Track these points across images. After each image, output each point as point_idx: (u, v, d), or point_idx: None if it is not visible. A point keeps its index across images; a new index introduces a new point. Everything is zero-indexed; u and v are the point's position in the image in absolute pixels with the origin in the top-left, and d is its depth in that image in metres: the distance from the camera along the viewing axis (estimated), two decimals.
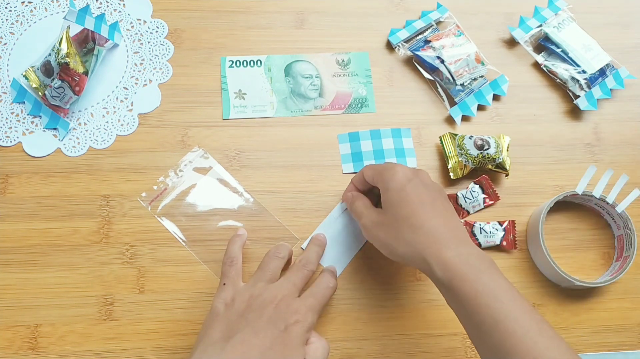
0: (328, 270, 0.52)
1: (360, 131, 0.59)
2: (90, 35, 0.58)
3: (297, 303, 0.45)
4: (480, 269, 0.41)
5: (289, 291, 0.46)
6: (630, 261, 0.54)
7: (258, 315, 0.43)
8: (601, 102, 0.63)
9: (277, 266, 0.49)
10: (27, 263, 0.52)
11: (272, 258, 0.49)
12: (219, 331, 0.43)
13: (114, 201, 0.55)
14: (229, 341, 0.42)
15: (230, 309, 0.45)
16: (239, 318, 0.44)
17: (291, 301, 0.45)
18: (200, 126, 0.58)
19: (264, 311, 0.44)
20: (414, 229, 0.44)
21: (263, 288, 0.46)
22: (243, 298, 0.45)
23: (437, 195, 0.47)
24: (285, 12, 0.64)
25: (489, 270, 0.41)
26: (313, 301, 0.46)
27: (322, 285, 0.48)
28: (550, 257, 0.52)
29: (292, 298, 0.45)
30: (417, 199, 0.45)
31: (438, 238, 0.43)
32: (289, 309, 0.44)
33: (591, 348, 0.54)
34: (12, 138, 0.57)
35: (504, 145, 0.58)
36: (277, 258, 0.49)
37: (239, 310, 0.44)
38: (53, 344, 0.50)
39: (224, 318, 0.44)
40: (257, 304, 0.44)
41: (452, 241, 0.43)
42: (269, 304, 0.44)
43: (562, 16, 0.66)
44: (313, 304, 0.46)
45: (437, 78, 0.62)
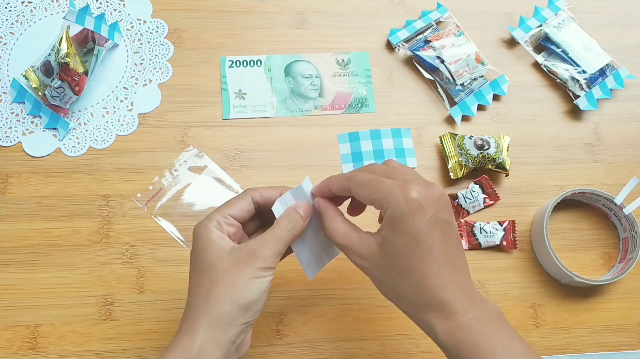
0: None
1: (360, 131, 0.59)
2: (90, 35, 0.58)
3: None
4: (491, 334, 0.37)
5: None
6: (632, 263, 0.53)
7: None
8: (601, 102, 0.63)
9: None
10: (27, 263, 0.52)
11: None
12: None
13: (114, 201, 0.55)
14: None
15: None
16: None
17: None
18: (200, 126, 0.58)
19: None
20: (418, 290, 0.37)
21: None
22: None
23: (450, 233, 0.38)
24: (285, 12, 0.64)
25: (501, 333, 0.37)
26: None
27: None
28: (552, 250, 0.52)
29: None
30: (429, 251, 0.37)
31: (444, 301, 0.37)
32: None
33: (591, 348, 0.54)
34: (12, 138, 0.56)
35: (504, 145, 0.58)
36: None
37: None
38: (53, 344, 0.50)
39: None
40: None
41: (460, 303, 0.37)
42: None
43: (562, 16, 0.66)
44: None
45: (437, 78, 0.62)
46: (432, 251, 0.37)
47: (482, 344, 0.36)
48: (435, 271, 0.37)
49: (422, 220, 0.36)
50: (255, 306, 0.38)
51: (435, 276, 0.37)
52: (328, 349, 0.51)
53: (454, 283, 0.37)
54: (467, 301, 0.37)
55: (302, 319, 0.52)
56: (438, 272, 0.37)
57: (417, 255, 0.37)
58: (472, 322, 0.36)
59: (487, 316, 0.37)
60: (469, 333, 0.36)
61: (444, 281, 0.37)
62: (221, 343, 0.37)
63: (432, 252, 0.37)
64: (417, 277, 0.37)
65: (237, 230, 0.41)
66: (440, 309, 0.37)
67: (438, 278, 0.37)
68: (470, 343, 0.36)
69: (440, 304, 0.37)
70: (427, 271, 0.37)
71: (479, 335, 0.36)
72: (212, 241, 0.39)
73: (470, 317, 0.37)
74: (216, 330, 0.37)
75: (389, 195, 0.37)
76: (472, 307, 0.37)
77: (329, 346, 0.51)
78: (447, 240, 0.38)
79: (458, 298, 0.37)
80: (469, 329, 0.36)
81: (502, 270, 0.55)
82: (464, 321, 0.36)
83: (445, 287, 0.37)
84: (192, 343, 0.37)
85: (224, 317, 0.37)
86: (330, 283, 0.54)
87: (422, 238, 0.37)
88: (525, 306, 0.54)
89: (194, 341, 0.37)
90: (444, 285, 0.37)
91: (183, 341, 0.37)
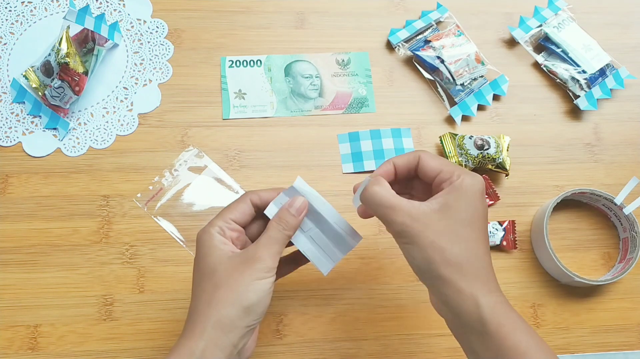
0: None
1: (360, 131, 0.59)
2: (90, 35, 0.58)
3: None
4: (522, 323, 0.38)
5: None
6: (632, 263, 0.53)
7: None
8: (601, 102, 0.63)
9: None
10: (27, 263, 0.52)
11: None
12: None
13: (114, 201, 0.55)
14: None
15: None
16: None
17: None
18: (200, 126, 0.58)
19: None
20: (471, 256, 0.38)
21: None
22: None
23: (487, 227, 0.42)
24: (285, 12, 0.64)
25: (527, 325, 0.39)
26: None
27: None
28: (552, 250, 0.52)
29: None
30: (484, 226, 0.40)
31: (492, 277, 0.39)
32: None
33: (591, 348, 0.54)
34: (12, 138, 0.56)
35: (504, 145, 0.58)
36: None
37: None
38: (53, 344, 0.50)
39: None
40: None
41: (496, 287, 0.39)
42: None
43: (562, 16, 0.66)
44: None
45: (437, 78, 0.62)
46: (484, 228, 0.40)
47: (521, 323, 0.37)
48: (485, 245, 0.39)
49: (483, 199, 0.40)
50: (258, 308, 0.39)
51: (484, 251, 0.39)
52: (328, 349, 0.51)
53: (491, 265, 0.40)
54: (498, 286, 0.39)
55: (302, 319, 0.52)
56: (485, 248, 0.39)
57: (476, 222, 0.39)
58: (506, 303, 0.38)
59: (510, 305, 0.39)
60: (510, 312, 0.37)
61: (488, 257, 0.39)
62: (223, 346, 0.37)
63: (484, 228, 0.40)
64: (472, 244, 0.38)
65: (240, 234, 0.42)
66: (485, 282, 0.38)
67: (485, 254, 0.39)
68: (512, 320, 0.37)
69: (486, 277, 0.38)
70: (481, 241, 0.39)
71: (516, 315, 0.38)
72: (215, 247, 0.40)
73: (504, 299, 0.38)
74: (219, 333, 0.37)
75: (460, 169, 0.40)
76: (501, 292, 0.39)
77: (329, 346, 0.51)
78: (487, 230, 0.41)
79: (495, 279, 0.39)
80: (508, 308, 0.38)
81: (502, 270, 0.55)
82: (502, 300, 0.38)
83: (488, 264, 0.39)
84: (195, 346, 0.37)
85: (227, 319, 0.38)
86: (330, 283, 0.54)
87: (481, 211, 0.39)
88: (525, 306, 0.54)
89: (197, 344, 0.37)
90: (488, 261, 0.39)
91: (186, 344, 0.38)
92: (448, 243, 0.38)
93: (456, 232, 0.38)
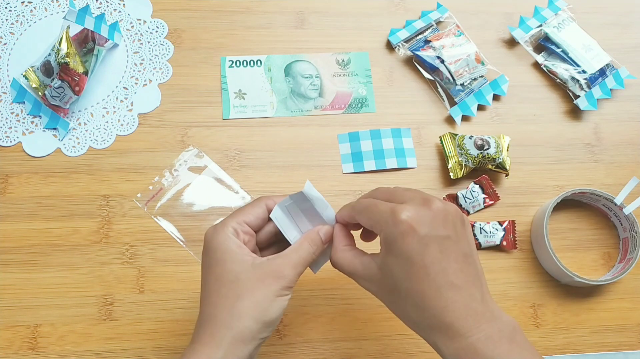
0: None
1: (360, 131, 0.59)
2: (90, 35, 0.58)
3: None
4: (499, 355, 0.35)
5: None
6: (632, 263, 0.53)
7: None
8: (601, 102, 0.63)
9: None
10: (27, 263, 0.52)
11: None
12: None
13: (114, 201, 0.55)
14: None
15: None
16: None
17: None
18: (200, 126, 0.58)
19: None
20: (420, 310, 0.37)
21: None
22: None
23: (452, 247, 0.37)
24: (285, 12, 0.64)
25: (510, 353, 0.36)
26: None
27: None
28: (552, 250, 0.52)
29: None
30: (425, 271, 0.36)
31: (449, 323, 0.36)
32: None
33: (591, 348, 0.54)
34: (12, 138, 0.56)
35: (504, 145, 0.58)
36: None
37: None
38: (53, 344, 0.50)
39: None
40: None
41: (464, 324, 0.36)
42: None
43: (562, 16, 0.66)
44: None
45: (437, 78, 0.62)
46: (428, 271, 0.36)
47: None
48: (433, 292, 0.36)
49: (413, 241, 0.36)
50: (276, 322, 0.39)
51: (434, 297, 0.36)
52: (328, 349, 0.51)
53: (456, 302, 0.36)
54: (472, 321, 0.36)
55: (302, 319, 0.52)
56: (437, 293, 0.36)
57: (412, 276, 0.36)
58: (478, 344, 0.35)
59: (496, 336, 0.36)
60: (475, 355, 0.35)
61: (445, 301, 0.36)
62: (241, 356, 0.38)
63: (428, 272, 0.36)
64: (416, 299, 0.36)
65: (251, 238, 0.41)
66: (444, 330, 0.36)
67: (438, 298, 0.36)
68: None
69: (443, 325, 0.36)
70: (425, 293, 0.36)
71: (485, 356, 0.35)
72: (232, 251, 0.39)
73: (476, 338, 0.35)
74: (239, 344, 0.37)
75: (381, 219, 0.38)
76: (479, 327, 0.36)
77: (329, 346, 0.51)
78: (445, 256, 0.37)
79: (461, 318, 0.36)
80: (473, 352, 0.35)
81: (502, 270, 0.55)
82: (468, 343, 0.35)
83: (445, 308, 0.36)
84: (214, 355, 0.37)
85: (248, 332, 0.38)
86: (330, 283, 0.54)
87: (414, 258, 0.36)
88: (525, 306, 0.54)
89: (215, 353, 0.37)
90: (444, 306, 0.36)
91: (204, 351, 0.37)
92: (396, 303, 0.38)
93: (399, 293, 0.37)
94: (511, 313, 0.54)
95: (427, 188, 0.58)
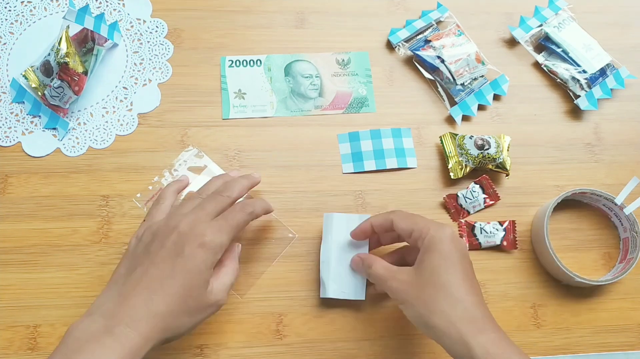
0: (254, 199, 0.50)
1: (360, 131, 0.59)
2: (90, 35, 0.58)
3: (202, 226, 0.43)
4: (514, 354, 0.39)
5: (196, 216, 0.43)
6: (633, 264, 0.53)
7: (160, 244, 0.42)
8: (601, 101, 0.63)
9: (216, 207, 0.45)
10: (27, 263, 0.52)
11: (217, 198, 0.46)
12: (124, 267, 0.43)
13: (114, 201, 0.55)
14: (129, 276, 0.41)
15: (138, 244, 0.44)
16: (144, 250, 0.43)
17: (196, 225, 0.43)
18: (200, 126, 0.58)
19: (166, 240, 0.42)
20: (452, 301, 0.41)
21: (175, 218, 0.44)
22: (151, 230, 0.44)
23: (472, 271, 0.44)
24: (285, 12, 0.64)
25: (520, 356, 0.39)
26: (223, 222, 0.44)
27: (236, 208, 0.46)
28: (552, 250, 0.52)
29: (199, 222, 0.43)
30: (460, 270, 0.42)
31: (476, 317, 0.40)
32: (193, 233, 0.42)
33: (592, 348, 0.54)
34: (12, 138, 0.56)
35: (504, 145, 0.58)
36: (224, 197, 0.46)
37: (145, 242, 0.43)
38: (53, 344, 0.50)
39: (131, 254, 0.44)
40: (161, 234, 0.43)
41: (487, 324, 0.40)
42: (172, 231, 0.42)
43: (562, 16, 0.66)
44: (222, 225, 0.43)
45: (438, 78, 0.62)
46: (463, 271, 0.42)
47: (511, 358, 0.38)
48: (466, 287, 0.42)
49: (454, 246, 0.43)
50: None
51: (467, 292, 0.41)
52: (328, 350, 0.51)
53: (481, 303, 0.42)
54: (492, 322, 0.41)
55: (302, 320, 0.52)
56: (472, 288, 0.42)
57: (450, 269, 0.42)
58: (501, 340, 0.40)
59: (507, 339, 0.40)
60: (499, 349, 0.39)
61: (474, 297, 0.41)
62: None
63: (463, 272, 0.42)
64: (451, 290, 0.41)
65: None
66: (472, 322, 0.40)
67: (470, 295, 0.41)
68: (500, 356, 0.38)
69: (473, 317, 0.40)
70: (459, 285, 0.41)
71: (507, 353, 0.39)
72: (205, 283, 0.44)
73: (497, 336, 0.40)
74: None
75: (428, 225, 0.44)
76: (495, 328, 0.41)
77: (329, 346, 0.51)
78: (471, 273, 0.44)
79: (486, 316, 0.41)
80: (499, 345, 0.39)
81: (502, 270, 0.55)
82: (495, 337, 0.39)
83: (474, 303, 0.41)
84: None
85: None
86: None
87: (454, 258, 0.43)
88: (526, 306, 0.54)
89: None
90: (473, 301, 0.41)
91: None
92: (430, 295, 0.42)
93: (435, 284, 0.42)
94: (511, 313, 0.54)
95: (427, 188, 0.58)
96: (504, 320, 0.53)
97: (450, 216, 0.57)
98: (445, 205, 0.57)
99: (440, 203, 0.57)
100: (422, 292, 0.42)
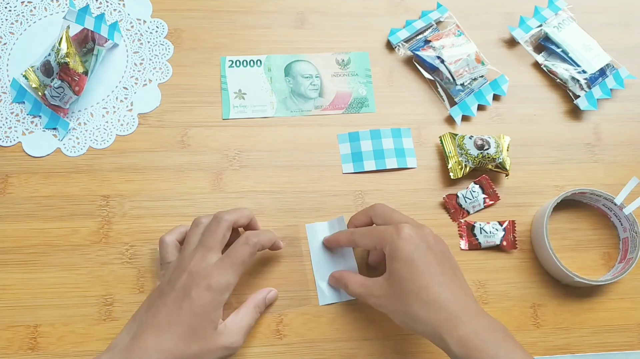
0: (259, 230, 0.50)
1: (360, 131, 0.59)
2: (90, 35, 0.58)
3: (209, 268, 0.44)
4: (497, 343, 0.40)
5: (202, 255, 0.45)
6: (633, 264, 0.53)
7: (171, 287, 0.44)
8: (601, 102, 0.63)
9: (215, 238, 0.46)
10: (27, 263, 0.52)
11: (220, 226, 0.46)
12: (145, 305, 0.46)
13: (114, 201, 0.55)
14: (146, 313, 0.44)
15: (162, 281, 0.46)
16: (159, 291, 0.45)
17: (203, 268, 0.44)
18: (200, 126, 0.58)
19: (177, 282, 0.44)
20: (425, 305, 0.42)
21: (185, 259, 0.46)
22: (169, 270, 0.46)
23: (445, 259, 0.45)
24: (285, 12, 0.64)
25: (505, 343, 0.40)
26: (227, 260, 0.45)
27: (240, 241, 0.46)
28: (552, 250, 0.52)
29: (205, 263, 0.44)
30: (427, 270, 0.43)
31: (452, 313, 0.41)
32: (200, 275, 0.43)
33: (592, 348, 0.54)
34: (12, 138, 0.56)
35: (504, 145, 0.58)
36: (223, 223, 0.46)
37: (163, 283, 0.46)
38: (53, 344, 0.50)
39: (154, 290, 0.46)
40: (174, 275, 0.45)
41: (465, 315, 0.41)
42: (183, 273, 0.44)
43: (562, 16, 0.66)
44: (226, 264, 0.44)
45: (437, 78, 0.62)
46: (430, 270, 0.43)
47: (487, 350, 0.39)
48: (436, 286, 0.42)
49: (414, 247, 0.43)
50: None
51: (438, 291, 0.42)
52: (328, 350, 0.51)
53: (457, 297, 0.42)
54: (473, 313, 0.41)
55: (302, 320, 0.52)
56: (440, 288, 0.42)
57: (415, 275, 0.43)
58: (479, 331, 0.40)
59: (492, 327, 0.41)
60: (476, 340, 0.39)
61: (448, 294, 0.42)
62: None
63: (430, 271, 0.43)
64: (422, 294, 0.42)
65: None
66: (448, 320, 0.41)
67: (441, 292, 0.42)
68: (477, 348, 0.39)
69: (448, 315, 0.41)
70: (429, 287, 0.42)
71: (485, 342, 0.39)
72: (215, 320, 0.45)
73: (477, 327, 0.40)
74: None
75: (386, 235, 0.45)
76: (478, 319, 0.41)
77: (329, 346, 0.51)
78: (442, 264, 0.44)
79: (463, 309, 0.41)
80: (475, 337, 0.40)
81: (502, 270, 0.55)
82: (471, 330, 0.40)
83: (448, 299, 0.42)
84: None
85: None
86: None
87: (417, 260, 0.43)
88: (526, 306, 0.54)
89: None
90: (447, 298, 0.42)
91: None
92: (406, 304, 0.43)
93: (407, 292, 0.43)
94: (511, 313, 0.54)
95: (427, 188, 0.58)
96: (504, 320, 0.53)
97: (450, 216, 0.57)
98: (445, 205, 0.57)
99: (440, 203, 0.57)
100: (398, 302, 0.44)
